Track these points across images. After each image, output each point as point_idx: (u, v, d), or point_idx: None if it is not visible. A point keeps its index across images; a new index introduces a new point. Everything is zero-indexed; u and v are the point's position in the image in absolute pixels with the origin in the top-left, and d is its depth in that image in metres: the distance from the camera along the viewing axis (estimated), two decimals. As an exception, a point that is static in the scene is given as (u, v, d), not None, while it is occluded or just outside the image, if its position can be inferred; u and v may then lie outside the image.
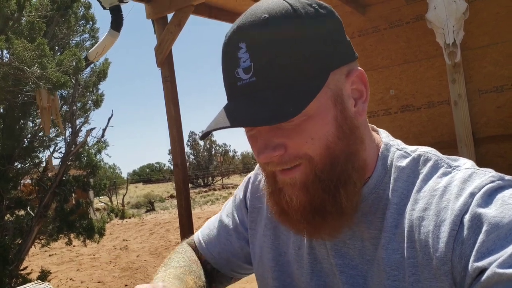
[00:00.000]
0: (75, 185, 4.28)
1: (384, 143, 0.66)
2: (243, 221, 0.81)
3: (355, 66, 0.61)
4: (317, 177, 0.58)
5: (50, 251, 8.32)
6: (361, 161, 0.61)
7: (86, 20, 4.60)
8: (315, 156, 0.57)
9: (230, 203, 0.86)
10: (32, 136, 4.34)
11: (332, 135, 0.57)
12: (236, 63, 0.56)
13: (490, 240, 0.49)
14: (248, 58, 0.55)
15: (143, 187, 33.17)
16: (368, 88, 0.62)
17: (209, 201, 16.62)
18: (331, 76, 0.57)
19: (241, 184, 0.85)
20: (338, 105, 0.58)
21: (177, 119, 4.06)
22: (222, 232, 0.83)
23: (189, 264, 0.78)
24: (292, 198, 0.59)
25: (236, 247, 0.81)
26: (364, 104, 0.62)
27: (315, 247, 0.68)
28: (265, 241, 0.75)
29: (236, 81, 0.57)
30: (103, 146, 4.51)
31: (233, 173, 32.60)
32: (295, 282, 0.70)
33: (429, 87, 4.52)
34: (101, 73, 4.53)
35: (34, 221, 4.13)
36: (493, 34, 4.01)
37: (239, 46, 0.56)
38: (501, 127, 4.05)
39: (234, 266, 0.82)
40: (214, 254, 0.82)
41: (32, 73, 2.86)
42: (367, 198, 0.62)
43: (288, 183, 0.59)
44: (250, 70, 0.55)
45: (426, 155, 0.63)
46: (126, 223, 12.93)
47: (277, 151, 0.57)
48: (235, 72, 0.56)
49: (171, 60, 4.07)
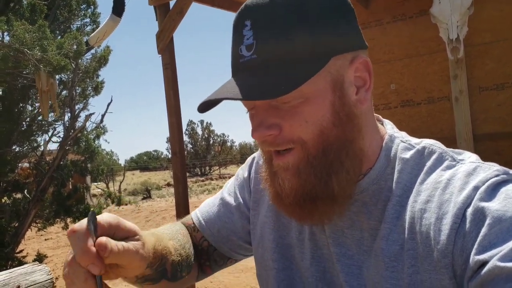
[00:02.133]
0: (72, 170, 4.28)
1: (388, 134, 0.65)
2: (246, 200, 0.80)
3: (362, 55, 0.60)
4: (309, 162, 0.58)
5: (46, 235, 8.35)
6: (358, 150, 0.60)
7: (87, 4, 4.56)
8: (308, 141, 0.57)
9: (232, 181, 0.85)
10: (31, 120, 4.33)
11: (327, 121, 0.57)
12: (240, 40, 0.57)
13: (493, 233, 0.49)
14: (251, 36, 0.56)
15: (140, 174, 33.21)
16: (372, 77, 0.61)
17: (206, 190, 16.66)
18: (333, 60, 0.57)
19: (245, 163, 0.85)
20: (337, 91, 0.58)
21: (177, 107, 4.04)
22: (223, 210, 0.82)
23: (174, 233, 0.77)
24: (284, 182, 0.60)
25: (238, 225, 0.80)
26: (367, 93, 0.61)
27: (315, 233, 0.68)
28: (267, 222, 0.75)
29: (239, 58, 0.58)
30: (101, 131, 4.50)
31: (230, 163, 32.63)
32: (294, 266, 0.70)
33: (430, 82, 4.51)
34: (101, 59, 4.50)
35: (31, 205, 4.14)
36: (496, 31, 4.00)
37: (245, 23, 0.57)
38: (499, 125, 4.06)
39: (233, 245, 0.81)
40: (214, 231, 0.81)
41: (33, 55, 2.83)
42: (368, 189, 0.62)
43: (282, 167, 0.60)
44: (252, 47, 0.56)
45: (430, 147, 0.62)
46: (122, 209, 12.96)
47: (271, 131, 0.58)
48: (239, 49, 0.57)
49: (172, 48, 4.04)
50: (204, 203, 0.87)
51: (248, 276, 4.77)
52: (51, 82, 3.66)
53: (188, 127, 30.84)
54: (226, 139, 33.67)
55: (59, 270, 5.72)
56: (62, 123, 4.31)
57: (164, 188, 19.58)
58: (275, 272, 0.72)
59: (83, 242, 0.51)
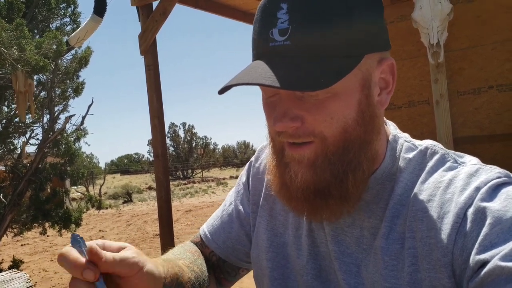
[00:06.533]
0: (51, 173, 4.17)
1: (392, 134, 0.65)
2: (246, 207, 0.80)
3: (388, 56, 0.60)
4: (327, 158, 0.56)
5: (22, 241, 8.10)
6: (373, 151, 0.60)
7: (67, 3, 4.46)
8: (330, 137, 0.56)
9: (233, 190, 0.85)
10: (7, 122, 4.19)
11: (351, 119, 0.56)
12: (273, 23, 0.54)
13: (493, 233, 0.49)
14: (286, 20, 0.53)
15: (120, 177, 32.68)
16: (395, 81, 0.61)
17: (188, 193, 16.51)
18: (365, 59, 0.56)
19: (244, 169, 0.84)
20: (364, 90, 0.57)
21: (159, 108, 4.00)
22: (225, 220, 0.81)
23: (183, 253, 0.76)
24: (297, 174, 0.58)
25: (241, 234, 0.79)
26: (388, 96, 0.61)
27: (314, 230, 0.67)
28: (261, 222, 0.74)
29: (268, 41, 0.55)
30: (82, 134, 4.40)
31: (213, 166, 32.46)
32: (290, 264, 0.69)
33: (410, 86, 4.60)
34: (82, 59, 4.41)
35: (7, 209, 4.00)
36: (473, 37, 4.11)
37: (281, 6, 0.54)
38: (477, 128, 4.17)
39: (240, 254, 0.80)
40: (219, 243, 0.80)
41: (10, 54, 2.75)
42: (372, 188, 0.61)
43: (296, 159, 0.58)
44: (286, 33, 0.53)
45: (433, 148, 0.63)
46: (103, 213, 12.71)
47: (295, 123, 0.56)
48: (270, 31, 0.54)
49: (155, 49, 4.00)
50: (212, 216, 0.87)
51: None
52: (29, 82, 3.56)
53: (170, 129, 30.58)
54: (209, 141, 33.50)
55: (36, 277, 5.55)
56: (41, 125, 4.20)
57: (146, 191, 19.31)
58: (269, 271, 0.71)
59: (71, 256, 0.51)
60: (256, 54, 0.58)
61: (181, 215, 10.67)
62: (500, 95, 4.04)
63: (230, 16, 4.62)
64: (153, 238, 7.99)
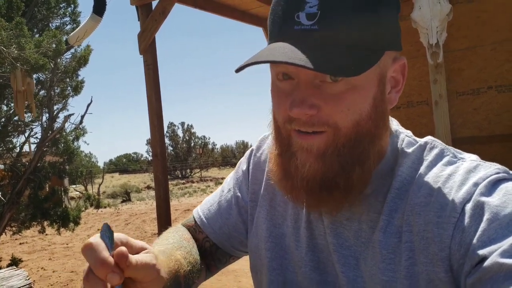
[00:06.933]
0: (50, 172, 4.17)
1: (394, 130, 0.66)
2: (244, 195, 0.79)
3: (400, 56, 0.62)
4: (337, 150, 0.56)
5: (21, 239, 8.10)
6: (380, 147, 0.61)
7: (67, 2, 4.46)
8: (343, 128, 0.56)
9: (231, 176, 0.84)
10: (6, 120, 4.19)
11: (366, 112, 0.57)
12: (300, 6, 0.53)
13: (492, 228, 0.49)
14: (316, 5, 0.53)
15: (119, 177, 32.65)
16: (405, 81, 0.62)
17: (187, 193, 16.51)
18: (384, 55, 0.57)
19: (244, 156, 0.83)
20: (380, 85, 0.58)
21: (158, 107, 4.00)
22: (223, 206, 0.80)
23: (180, 241, 0.75)
24: (304, 164, 0.57)
25: (238, 221, 0.79)
26: (397, 95, 0.62)
27: (312, 222, 0.67)
28: (261, 212, 0.74)
29: (293, 24, 0.54)
30: (81, 132, 4.40)
31: (212, 166, 32.44)
32: (288, 255, 0.69)
33: (409, 87, 4.60)
34: (81, 58, 4.41)
35: (6, 208, 4.00)
36: (472, 38, 4.11)
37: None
38: (476, 129, 4.18)
39: (235, 242, 0.80)
40: (215, 228, 0.80)
41: (9, 53, 2.75)
42: (373, 182, 0.61)
43: (305, 148, 0.57)
44: (315, 17, 0.53)
45: (432, 143, 0.63)
46: (101, 212, 12.71)
47: (311, 110, 0.55)
48: (296, 15, 0.54)
49: (154, 48, 4.00)
50: (205, 200, 0.85)
51: (230, 280, 4.74)
52: (28, 81, 3.56)
53: (168, 129, 30.53)
54: (208, 141, 33.48)
55: (35, 275, 5.55)
56: (40, 123, 4.19)
57: (144, 191, 19.30)
58: (267, 261, 0.71)
59: (100, 253, 0.48)
60: (276, 35, 0.56)
61: (179, 214, 10.67)
62: (499, 95, 4.04)
63: (229, 16, 4.62)
64: (151, 237, 7.99)
